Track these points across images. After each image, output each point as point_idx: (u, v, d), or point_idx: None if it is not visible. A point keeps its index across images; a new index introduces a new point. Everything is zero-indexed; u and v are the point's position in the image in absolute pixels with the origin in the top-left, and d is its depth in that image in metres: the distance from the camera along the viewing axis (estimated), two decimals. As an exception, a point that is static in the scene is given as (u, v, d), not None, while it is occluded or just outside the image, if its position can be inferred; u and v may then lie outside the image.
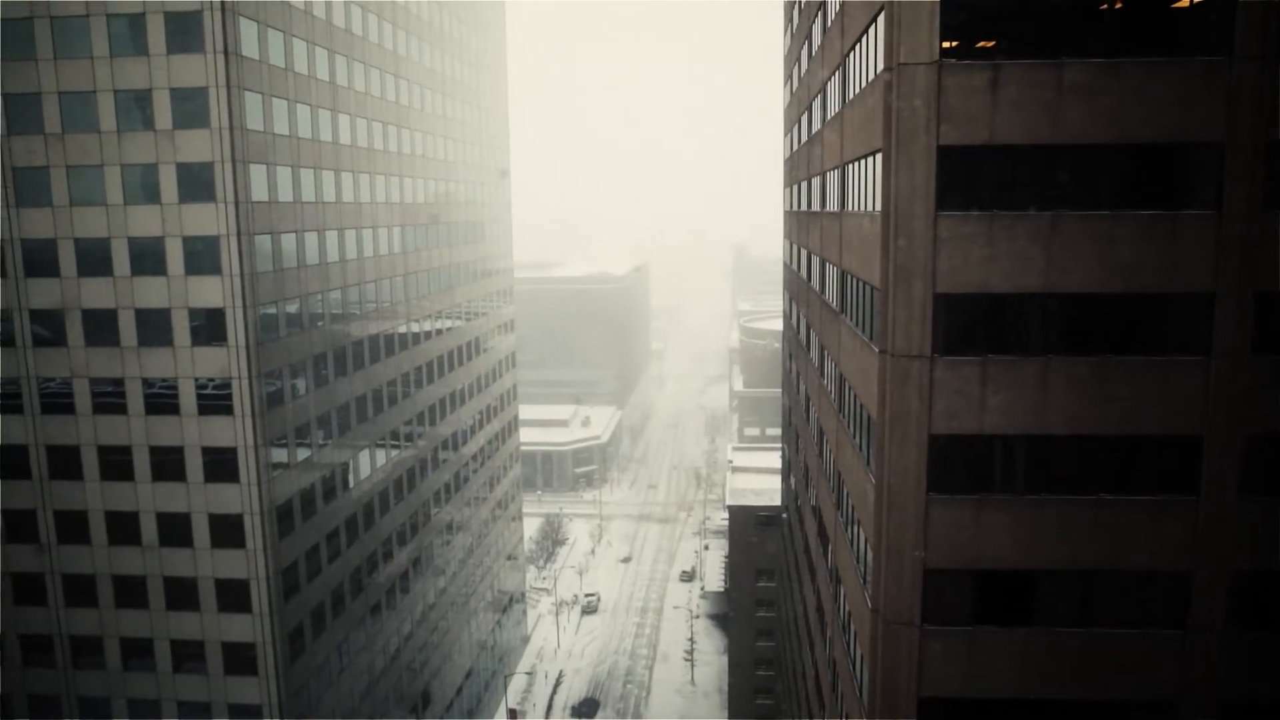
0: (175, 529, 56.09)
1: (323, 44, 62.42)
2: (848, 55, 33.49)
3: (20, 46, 52.57)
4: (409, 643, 78.37)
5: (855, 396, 32.74)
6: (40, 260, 54.37)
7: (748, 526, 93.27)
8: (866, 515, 30.01)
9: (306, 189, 60.38)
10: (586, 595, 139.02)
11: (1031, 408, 26.24)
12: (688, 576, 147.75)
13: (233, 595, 56.39)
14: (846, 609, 35.25)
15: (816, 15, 43.71)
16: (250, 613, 56.38)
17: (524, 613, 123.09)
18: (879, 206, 27.26)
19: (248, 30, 53.15)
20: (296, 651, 59.12)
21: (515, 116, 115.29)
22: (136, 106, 52.51)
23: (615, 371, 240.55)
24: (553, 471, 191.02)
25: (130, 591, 57.43)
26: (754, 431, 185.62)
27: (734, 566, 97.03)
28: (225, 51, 51.18)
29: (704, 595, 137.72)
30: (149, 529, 56.36)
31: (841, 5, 35.00)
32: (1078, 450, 26.46)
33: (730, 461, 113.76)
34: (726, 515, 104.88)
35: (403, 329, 76.77)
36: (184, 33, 51.33)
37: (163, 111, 52.06)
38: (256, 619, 56.40)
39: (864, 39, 29.81)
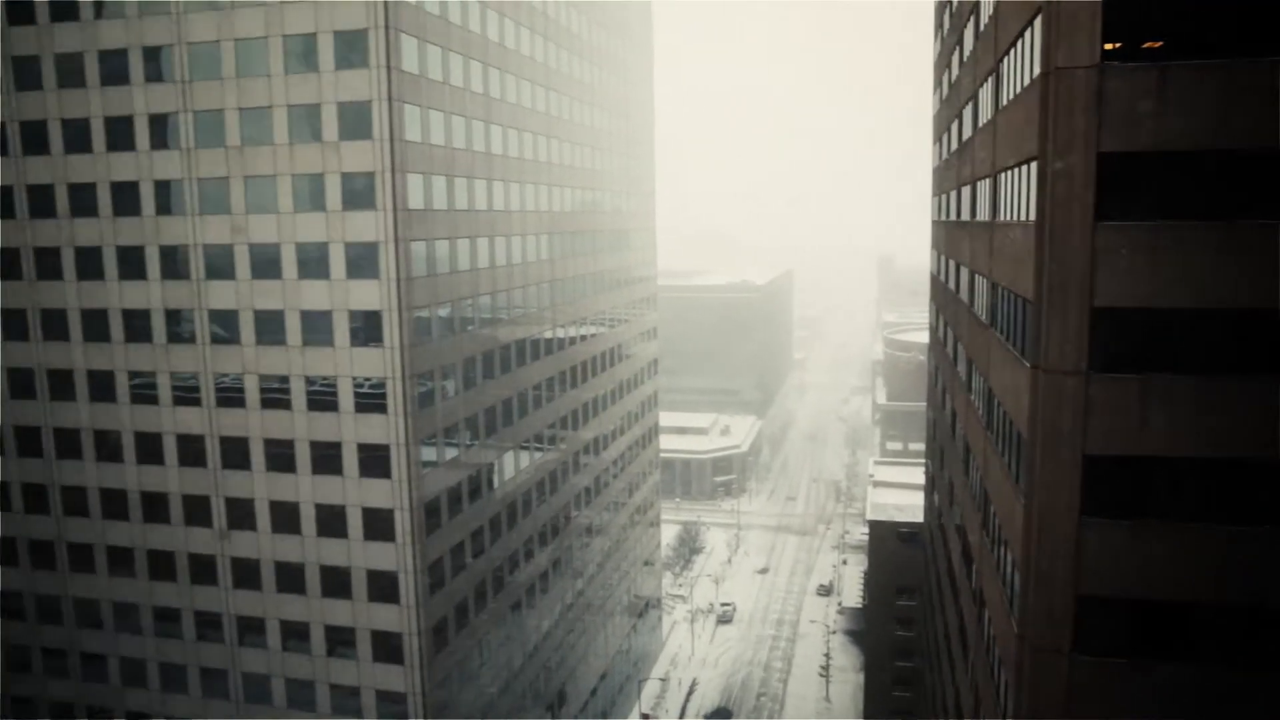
0: (331, 520, 59.12)
1: (478, 58, 64.72)
2: (1002, 59, 32.47)
3: (207, 68, 56.65)
4: (546, 642, 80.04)
5: (1004, 413, 31.64)
6: (218, 264, 58.39)
7: (888, 542, 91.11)
8: (1014, 537, 28.95)
9: (460, 197, 62.69)
10: (722, 604, 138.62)
11: (1198, 429, 24.74)
12: (825, 591, 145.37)
13: (382, 586, 58.96)
14: (990, 633, 34.05)
15: (968, 18, 42.54)
16: (398, 604, 58.79)
17: (659, 619, 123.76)
18: (1033, 216, 26.31)
19: (409, 46, 55.67)
20: (440, 644, 61.26)
21: (658, 124, 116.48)
22: (306, 120, 55.74)
23: (756, 381, 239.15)
24: (691, 479, 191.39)
25: (290, 577, 60.85)
26: (896, 446, 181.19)
27: (873, 583, 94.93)
28: (388, 67, 53.75)
29: (841, 611, 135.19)
30: (308, 519, 59.60)
31: (996, 6, 33.98)
32: (1250, 475, 24.77)
33: (871, 475, 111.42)
34: (866, 530, 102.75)
35: (548, 334, 78.65)
36: (351, 50, 54.22)
37: (330, 124, 55.10)
38: (404, 610, 58.76)
39: (1019, 42, 28.86)
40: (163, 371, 60.90)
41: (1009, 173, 31.31)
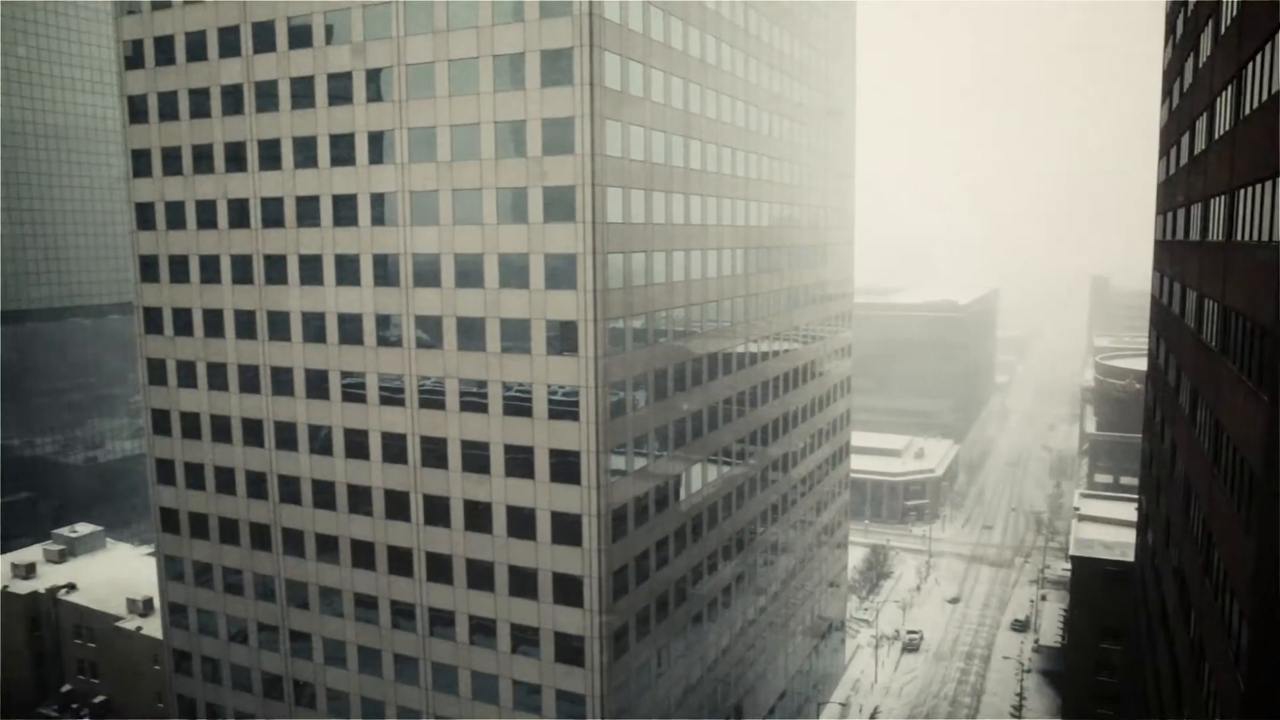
0: (521, 522, 60.81)
1: (677, 73, 65.21)
2: (1245, 66, 29.48)
3: (422, 87, 59.74)
4: (725, 656, 79.35)
5: (1234, 448, 28.60)
6: (426, 272, 61.36)
7: (1093, 581, 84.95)
8: (1242, 585, 26.04)
9: (657, 211, 63.28)
10: (909, 632, 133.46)
11: None
12: (1020, 626, 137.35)
13: (567, 589, 60.07)
14: (1210, 688, 30.83)
15: (1206, 22, 39.01)
16: (582, 608, 59.73)
17: (842, 642, 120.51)
18: (1276, 236, 23.61)
19: (611, 63, 56.70)
20: (621, 650, 61.77)
21: (859, 137, 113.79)
22: (511, 135, 57.76)
23: (954, 403, 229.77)
24: (882, 502, 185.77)
25: (480, 574, 63.02)
26: (1106, 479, 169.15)
27: (1074, 622, 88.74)
28: (590, 84, 54.92)
29: (1038, 649, 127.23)
30: (499, 519, 61.57)
31: (1240, 7, 30.91)
32: None
33: (1077, 509, 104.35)
34: (1069, 566, 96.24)
35: (740, 349, 78.17)
36: (555, 68, 55.77)
37: (534, 139, 56.86)
38: (587, 614, 59.63)
39: (1267, 46, 26.06)
40: (371, 372, 64.55)
41: (1248, 189, 28.34)
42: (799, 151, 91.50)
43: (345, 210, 63.76)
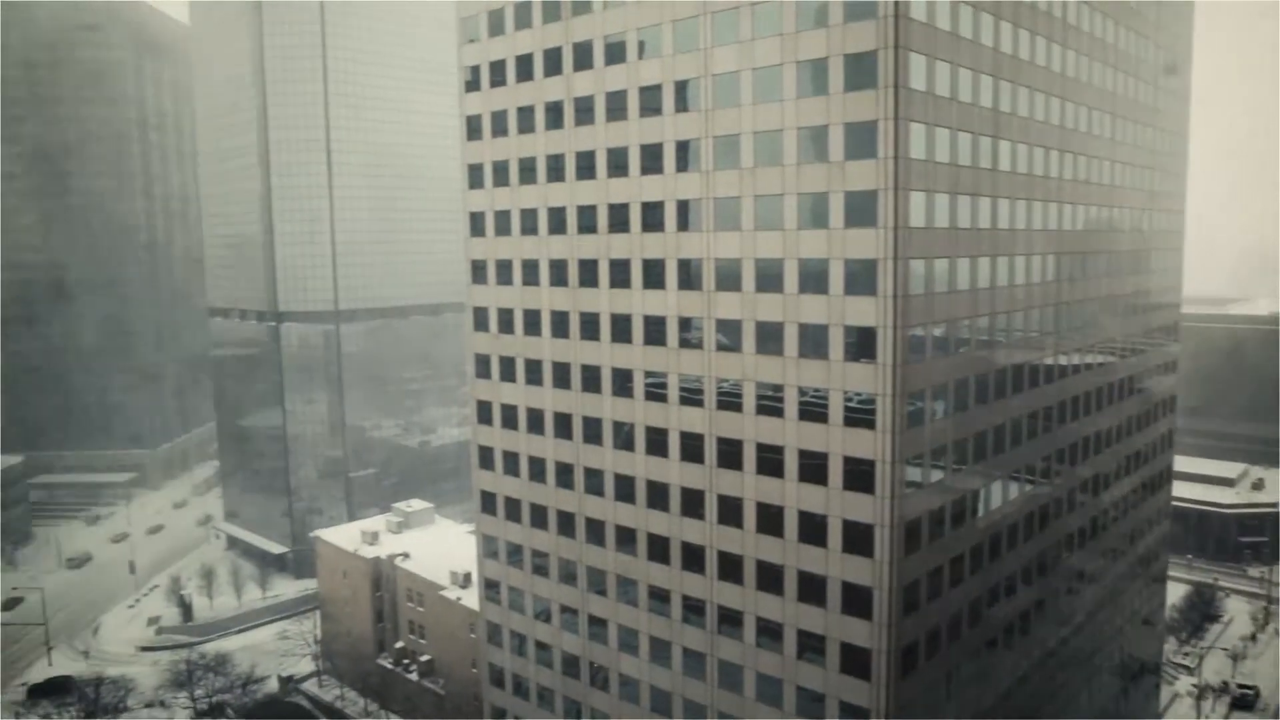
0: (812, 528, 60.90)
1: (987, 71, 62.65)
2: None
3: (727, 96, 61.52)
4: (1021, 687, 74.96)
5: None
6: (727, 276, 63.06)
7: None
8: None
9: (962, 215, 61.18)
10: (1240, 686, 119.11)
11: None
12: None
13: (856, 600, 59.40)
14: None
15: None
16: (870, 620, 58.86)
17: (1156, 687, 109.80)
18: None
19: (916, 64, 55.55)
20: (908, 667, 60.24)
21: (1195, 131, 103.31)
22: (813, 141, 58.08)
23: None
24: (1209, 536, 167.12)
25: (769, 577, 63.68)
26: None
27: None
28: (895, 86, 54.11)
29: None
30: (791, 524, 61.95)
31: None
32: None
33: None
34: None
35: (1048, 360, 73.68)
36: (859, 72, 55.44)
37: (836, 144, 56.85)
38: (875, 627, 58.71)
39: None
40: (672, 373, 67.22)
41: None
42: (1121, 149, 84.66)
43: (652, 217, 66.91)
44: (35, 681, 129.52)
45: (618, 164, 68.62)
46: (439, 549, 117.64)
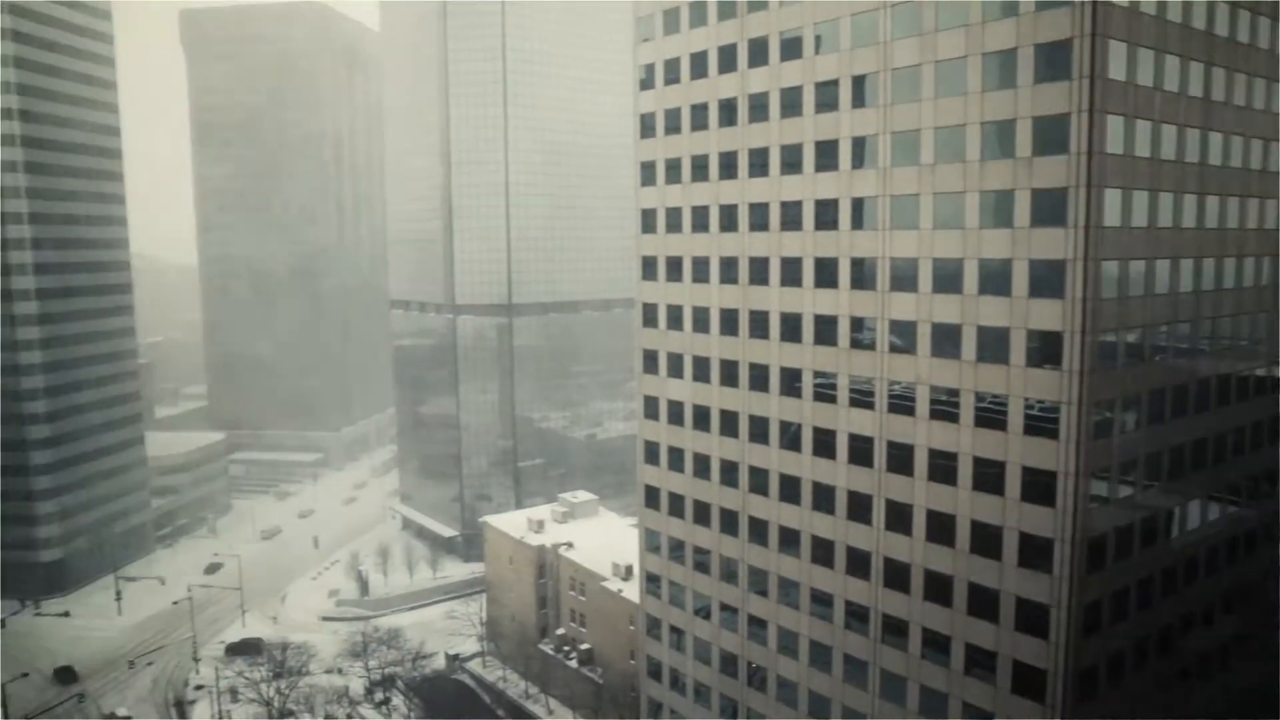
0: (985, 539, 58.32)
1: (1198, 57, 58.17)
2: None
3: (907, 91, 59.63)
4: (1218, 724, 69.45)
5: None
6: (902, 277, 61.16)
7: None
8: None
9: (1163, 214, 57.11)
10: None
11: None
12: None
13: (1030, 616, 56.52)
14: None
15: None
16: (1046, 639, 55.88)
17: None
18: None
19: (1116, 52, 52.20)
20: (1086, 692, 56.81)
21: None
22: (998, 136, 55.52)
23: None
24: None
25: (938, 587, 61.47)
26: None
27: None
28: (1090, 76, 51.02)
29: None
30: (963, 533, 59.55)
31: None
32: None
33: None
34: None
35: (1259, 372, 67.85)
36: (1051, 63, 52.59)
37: (1023, 139, 54.17)
38: (1051, 646, 55.69)
39: None
40: (843, 374, 65.80)
41: None
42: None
43: (826, 215, 65.69)
44: (231, 641, 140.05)
45: (791, 161, 67.72)
46: (602, 540, 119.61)
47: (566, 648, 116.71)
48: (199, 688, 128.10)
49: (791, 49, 66.91)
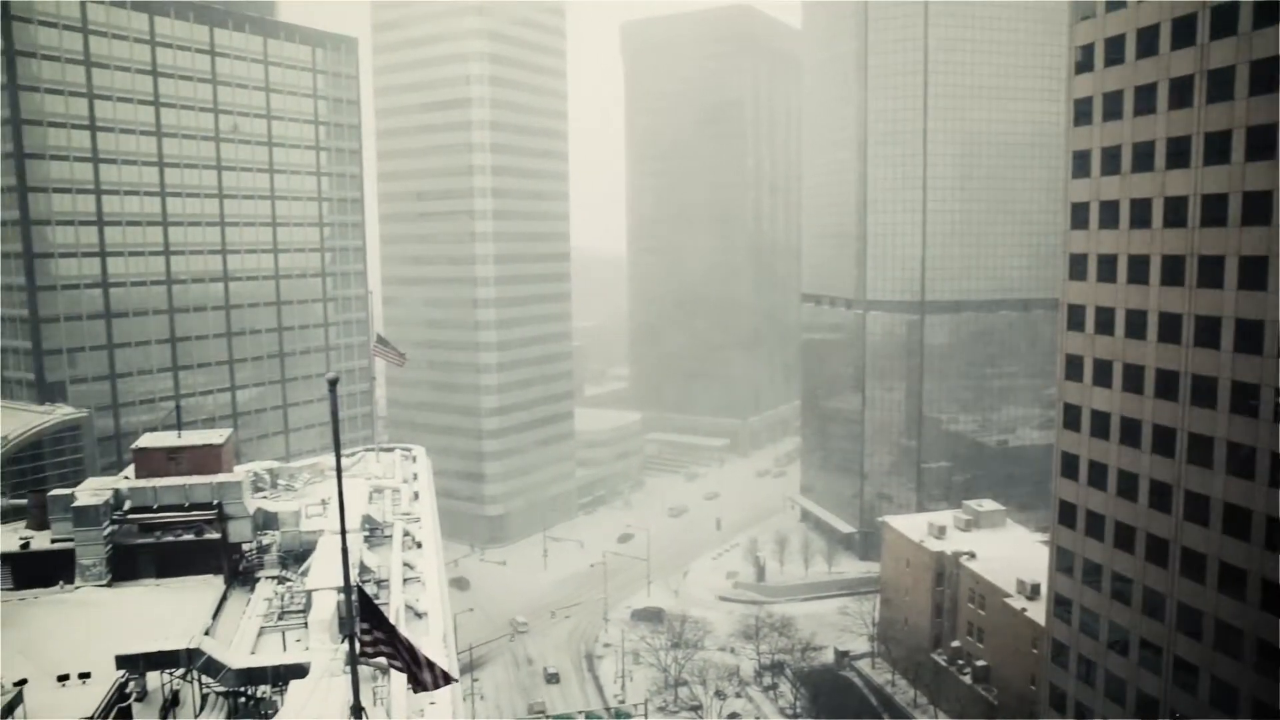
0: None
1: None
2: None
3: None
4: None
5: None
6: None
7: None
8: None
9: None
10: None
11: None
12: None
13: None
14: None
15: None
16: None
17: None
18: None
19: None
20: None
21: None
22: None
23: None
24: None
25: (1231, 579, 59.66)
26: None
27: None
28: None
29: None
30: (1258, 528, 56.54)
31: None
32: None
33: None
34: None
35: None
36: None
37: None
38: None
39: None
40: None
41: None
42: None
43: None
44: (637, 607, 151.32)
45: (1258, 145, 58.73)
46: (1007, 554, 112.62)
47: (960, 661, 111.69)
48: (607, 645, 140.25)
49: (1266, 14, 57.96)
